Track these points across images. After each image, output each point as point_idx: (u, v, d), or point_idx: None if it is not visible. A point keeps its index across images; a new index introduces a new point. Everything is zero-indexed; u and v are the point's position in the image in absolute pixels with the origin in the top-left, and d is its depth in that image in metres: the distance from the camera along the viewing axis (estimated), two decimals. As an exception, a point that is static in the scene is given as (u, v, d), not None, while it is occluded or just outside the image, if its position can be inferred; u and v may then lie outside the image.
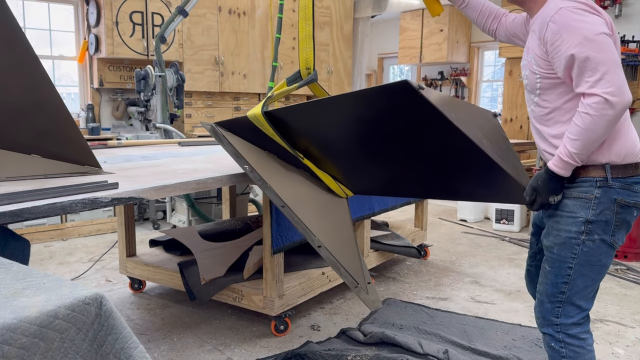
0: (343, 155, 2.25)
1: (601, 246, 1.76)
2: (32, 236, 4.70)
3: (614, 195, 1.73)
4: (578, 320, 1.81)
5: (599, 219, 1.74)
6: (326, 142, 2.21)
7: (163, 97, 4.84)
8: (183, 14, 4.47)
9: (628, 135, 1.76)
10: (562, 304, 1.81)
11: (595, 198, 1.73)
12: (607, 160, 1.73)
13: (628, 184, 1.74)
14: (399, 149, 2.05)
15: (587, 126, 1.63)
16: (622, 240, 1.81)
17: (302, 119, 2.16)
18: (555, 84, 1.75)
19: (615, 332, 3.01)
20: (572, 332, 1.81)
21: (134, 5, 5.93)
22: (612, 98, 1.59)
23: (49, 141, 2.15)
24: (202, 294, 2.97)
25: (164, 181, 2.05)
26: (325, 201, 2.36)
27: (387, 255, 3.81)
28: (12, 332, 0.93)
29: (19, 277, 1.12)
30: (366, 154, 2.18)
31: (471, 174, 1.94)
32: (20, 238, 2.26)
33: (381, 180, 2.33)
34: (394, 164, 2.17)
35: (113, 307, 1.08)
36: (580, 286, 1.79)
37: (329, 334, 2.93)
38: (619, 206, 1.74)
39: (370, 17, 8.31)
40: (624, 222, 1.77)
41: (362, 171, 2.30)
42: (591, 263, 1.77)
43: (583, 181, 1.75)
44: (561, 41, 1.65)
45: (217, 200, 4.79)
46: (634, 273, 4.05)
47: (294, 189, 2.27)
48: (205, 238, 3.42)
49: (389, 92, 1.79)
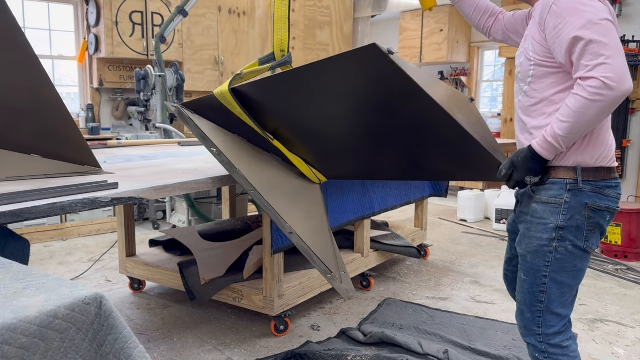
0: (314, 136, 2.17)
1: (574, 252, 1.72)
2: (32, 236, 4.70)
3: (585, 200, 1.69)
4: (560, 329, 1.77)
5: (570, 225, 1.69)
6: (296, 121, 2.13)
7: (163, 97, 4.84)
8: (183, 13, 4.47)
9: (605, 138, 1.71)
10: (542, 313, 1.77)
11: (565, 203, 1.69)
12: (578, 162, 1.68)
13: (599, 188, 1.69)
14: (371, 125, 1.98)
15: (578, 109, 1.55)
16: (597, 245, 1.76)
17: (270, 95, 2.08)
18: (548, 73, 1.70)
19: (615, 332, 3.01)
20: (555, 342, 1.77)
21: (134, 5, 5.93)
22: (611, 83, 1.50)
23: (49, 141, 2.15)
24: (202, 294, 2.97)
25: (163, 181, 2.05)
26: (297, 187, 2.29)
27: (387, 255, 3.81)
28: (12, 332, 0.92)
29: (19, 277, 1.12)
30: (336, 133, 2.10)
31: (445, 149, 1.86)
32: (20, 238, 2.26)
33: (354, 162, 2.25)
34: (366, 144, 2.08)
35: (113, 307, 1.08)
36: (557, 294, 1.75)
37: (329, 334, 2.93)
38: (591, 210, 1.69)
39: (370, 17, 8.31)
40: (597, 227, 1.72)
41: (334, 153, 2.22)
42: (566, 270, 1.73)
43: (553, 183, 1.71)
44: (564, 24, 1.58)
45: (217, 200, 4.79)
46: (634, 273, 4.05)
47: (264, 174, 2.20)
48: (205, 238, 3.42)
49: (357, 56, 1.72)
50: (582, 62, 1.56)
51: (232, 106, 2.10)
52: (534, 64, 1.73)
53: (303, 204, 2.27)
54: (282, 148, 2.24)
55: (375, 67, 1.70)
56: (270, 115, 2.14)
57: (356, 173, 2.34)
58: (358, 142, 2.11)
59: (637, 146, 4.73)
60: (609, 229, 4.44)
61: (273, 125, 2.18)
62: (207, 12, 6.48)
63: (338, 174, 2.37)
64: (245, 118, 2.13)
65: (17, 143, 2.14)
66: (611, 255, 4.43)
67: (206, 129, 2.19)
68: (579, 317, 3.21)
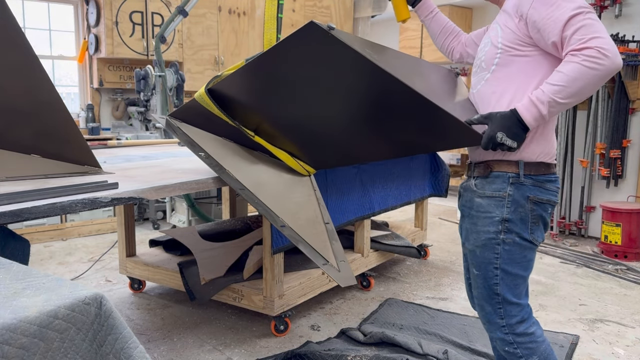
0: (291, 126, 2.16)
1: (522, 243, 1.76)
2: (32, 236, 4.70)
3: (527, 193, 1.73)
4: (522, 317, 1.80)
5: (514, 217, 1.74)
6: (272, 113, 2.13)
7: (163, 97, 4.84)
8: (183, 13, 4.47)
9: (549, 136, 1.76)
10: (501, 304, 1.80)
11: (509, 196, 1.73)
12: (522, 157, 1.73)
13: (540, 182, 1.74)
14: (338, 107, 1.96)
15: (573, 74, 1.53)
16: (542, 237, 1.80)
17: (241, 90, 2.08)
18: (514, 62, 1.71)
19: (615, 332, 3.01)
20: (520, 330, 1.80)
21: (134, 5, 5.93)
22: (607, 53, 1.51)
23: (49, 141, 2.15)
24: (202, 294, 2.97)
25: (164, 181, 2.05)
26: (287, 181, 2.30)
27: (387, 255, 3.81)
28: (12, 332, 0.92)
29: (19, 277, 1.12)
30: (310, 120, 2.09)
31: (414, 120, 1.81)
32: (20, 238, 2.26)
33: (334, 149, 2.23)
34: (339, 127, 2.07)
35: (113, 307, 1.08)
36: (511, 284, 1.78)
37: (329, 334, 2.93)
38: (533, 203, 1.74)
39: (370, 17, 8.30)
40: (540, 219, 1.77)
41: (314, 142, 2.21)
42: (516, 260, 1.77)
43: (496, 177, 1.75)
44: (557, 6, 1.59)
45: (217, 200, 4.79)
46: (634, 273, 4.05)
47: (253, 172, 2.22)
48: (205, 238, 3.42)
49: (300, 38, 1.72)
50: (575, 36, 1.56)
51: (210, 107, 2.11)
52: (501, 51, 1.74)
53: (294, 197, 2.27)
54: (264, 143, 2.24)
55: (320, 46, 1.69)
56: (249, 111, 2.14)
57: (340, 160, 2.32)
58: (331, 127, 2.09)
59: (637, 146, 4.73)
60: (609, 229, 4.44)
61: (254, 121, 2.18)
62: (207, 12, 6.48)
63: (324, 163, 2.37)
64: (222, 115, 2.13)
65: (17, 143, 2.14)
66: (611, 255, 4.43)
67: (193, 134, 2.21)
68: (579, 317, 3.21)
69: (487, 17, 8.41)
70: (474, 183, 1.82)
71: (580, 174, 4.99)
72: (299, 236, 2.09)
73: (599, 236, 4.71)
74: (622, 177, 4.82)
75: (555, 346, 2.78)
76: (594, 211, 4.97)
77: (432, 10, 2.19)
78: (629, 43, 4.67)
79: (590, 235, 5.03)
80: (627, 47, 4.64)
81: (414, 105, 1.71)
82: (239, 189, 2.11)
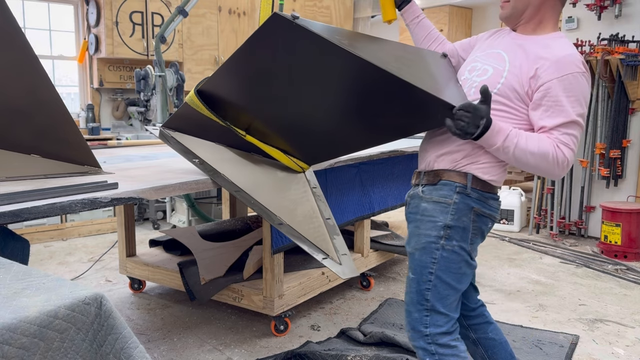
0: (278, 123, 2.16)
1: (460, 253, 1.75)
2: (32, 236, 4.70)
3: (472, 204, 1.74)
4: (448, 329, 1.77)
5: (457, 225, 1.73)
6: (259, 111, 2.12)
7: (163, 97, 4.84)
8: (183, 14, 4.47)
9: (504, 169, 1.78)
10: (429, 312, 1.77)
11: (454, 203, 1.74)
12: (472, 172, 1.74)
13: (484, 197, 1.76)
14: (316, 99, 1.95)
15: (541, 154, 1.63)
16: (476, 252, 1.81)
17: (227, 89, 2.08)
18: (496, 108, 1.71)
19: (615, 332, 3.01)
20: (443, 342, 1.76)
21: (134, 5, 5.93)
22: (567, 168, 1.67)
23: (48, 141, 2.15)
24: (202, 294, 2.97)
25: (163, 181, 2.05)
26: (281, 179, 2.30)
27: (387, 255, 3.81)
28: (12, 332, 0.93)
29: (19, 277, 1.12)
30: (294, 115, 2.08)
31: (391, 102, 1.79)
32: (20, 238, 2.26)
33: (321, 142, 2.21)
34: (321, 119, 2.05)
35: (113, 307, 1.08)
36: (443, 293, 1.76)
37: (329, 334, 2.93)
38: (476, 214, 1.75)
39: (370, 17, 8.30)
40: (479, 231, 1.78)
41: (302, 137, 2.21)
42: (451, 270, 1.75)
43: (444, 184, 1.76)
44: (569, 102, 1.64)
45: (217, 200, 4.80)
46: (634, 273, 4.05)
47: (248, 173, 2.23)
48: (205, 238, 3.42)
49: (268, 31, 1.71)
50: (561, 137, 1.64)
51: (200, 108, 2.11)
52: (497, 91, 1.73)
53: (289, 195, 2.27)
54: (256, 142, 2.23)
55: (288, 36, 1.68)
56: (238, 110, 2.14)
57: (331, 152, 2.30)
58: (315, 118, 2.07)
59: (637, 146, 4.73)
60: (609, 229, 4.44)
61: (245, 120, 2.18)
62: (207, 12, 6.48)
63: (315, 158, 2.35)
64: (214, 117, 2.13)
65: (17, 143, 2.14)
66: (611, 255, 4.43)
67: (187, 142, 2.23)
68: (579, 317, 3.21)
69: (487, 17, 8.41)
70: (422, 190, 1.82)
71: (580, 174, 4.99)
72: (297, 232, 2.08)
73: (599, 236, 4.71)
74: (622, 177, 4.82)
75: (555, 346, 2.78)
76: (594, 211, 4.97)
77: (418, 15, 2.18)
78: (629, 43, 4.67)
79: (590, 235, 5.03)
80: (627, 47, 4.64)
81: (390, 86, 1.68)
82: (235, 191, 2.11)
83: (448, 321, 1.77)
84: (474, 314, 2.04)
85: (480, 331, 2.03)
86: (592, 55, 4.65)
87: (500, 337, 2.05)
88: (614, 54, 4.56)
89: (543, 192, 5.18)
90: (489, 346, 2.02)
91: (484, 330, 2.02)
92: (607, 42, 4.72)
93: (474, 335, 2.04)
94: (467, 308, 2.03)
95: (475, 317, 2.03)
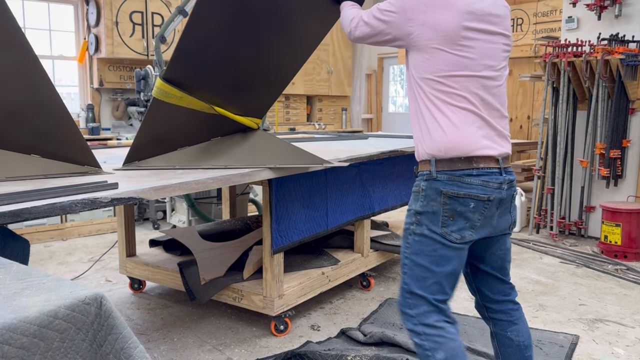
0: (230, 88, 2.47)
1: (431, 235, 1.79)
2: (32, 236, 4.70)
3: (440, 187, 1.78)
4: (429, 309, 1.80)
5: (426, 210, 1.80)
6: (214, 82, 2.39)
7: (163, 97, 4.83)
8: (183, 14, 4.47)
9: (448, 131, 1.79)
10: (409, 295, 1.83)
11: (422, 190, 1.82)
12: (431, 154, 1.81)
13: (457, 176, 1.77)
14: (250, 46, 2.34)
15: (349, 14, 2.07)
16: (461, 233, 1.79)
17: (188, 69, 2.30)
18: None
19: (615, 332, 3.01)
20: (428, 322, 1.80)
21: (134, 5, 5.93)
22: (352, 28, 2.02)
23: (49, 141, 2.15)
24: (202, 294, 2.97)
25: (163, 181, 2.05)
26: (250, 139, 2.63)
27: (387, 255, 3.81)
28: (12, 332, 0.93)
29: (19, 277, 1.12)
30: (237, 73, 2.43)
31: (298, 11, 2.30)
32: (20, 238, 2.27)
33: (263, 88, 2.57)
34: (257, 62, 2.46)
35: (113, 307, 1.08)
36: (419, 276, 1.81)
37: (329, 334, 2.93)
38: (447, 197, 1.78)
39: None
40: (456, 213, 1.78)
41: (249, 94, 2.55)
42: (425, 253, 1.80)
43: (418, 175, 1.88)
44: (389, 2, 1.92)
45: (217, 200, 4.79)
46: (634, 273, 4.05)
47: (221, 152, 2.54)
48: (205, 238, 3.42)
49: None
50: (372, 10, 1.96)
51: (170, 95, 2.30)
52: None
53: (264, 146, 2.60)
54: (223, 111, 2.48)
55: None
56: (197, 89, 2.37)
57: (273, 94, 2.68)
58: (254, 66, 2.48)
59: (637, 146, 4.73)
60: (609, 229, 4.44)
61: (206, 97, 2.43)
62: (207, 12, 6.48)
63: (263, 108, 2.69)
64: (188, 99, 2.35)
65: (17, 143, 2.14)
66: (611, 255, 4.43)
67: (157, 162, 2.45)
68: (579, 317, 3.21)
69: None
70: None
71: (580, 174, 4.99)
72: (290, 166, 2.46)
73: (599, 236, 4.71)
74: (622, 177, 4.82)
75: (555, 346, 2.78)
76: (594, 211, 4.97)
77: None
78: (629, 43, 4.67)
79: (590, 235, 5.03)
80: (627, 47, 4.64)
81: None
82: (223, 167, 2.41)
83: (426, 303, 1.81)
84: (497, 307, 2.00)
85: (499, 327, 2.01)
86: (592, 55, 4.65)
87: (520, 339, 1.99)
88: (614, 54, 4.56)
89: (543, 192, 5.18)
90: (503, 344, 2.00)
91: (502, 327, 2.00)
92: (607, 42, 4.72)
93: (492, 327, 2.03)
94: (488, 299, 2.00)
95: (498, 312, 2.00)
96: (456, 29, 1.75)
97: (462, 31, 1.75)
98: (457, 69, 1.77)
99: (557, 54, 4.88)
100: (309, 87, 7.93)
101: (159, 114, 2.37)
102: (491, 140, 1.82)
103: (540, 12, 7.03)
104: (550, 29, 6.88)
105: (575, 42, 4.85)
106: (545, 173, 5.17)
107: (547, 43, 5.02)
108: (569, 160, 4.99)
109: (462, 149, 1.78)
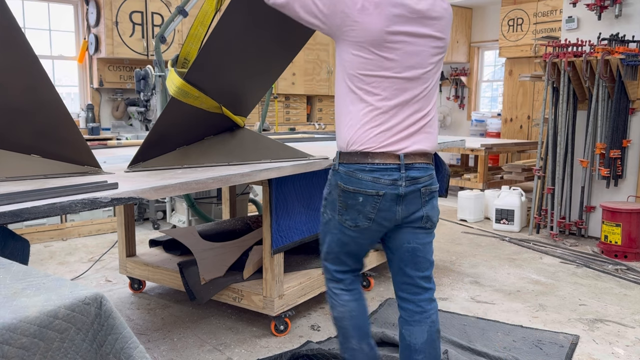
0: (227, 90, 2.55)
1: (332, 220, 1.99)
2: (32, 236, 4.70)
3: (337, 180, 1.92)
4: (332, 277, 2.07)
5: (328, 198, 1.99)
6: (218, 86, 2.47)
7: (163, 97, 4.83)
8: (183, 14, 4.47)
9: (353, 126, 1.87)
10: (323, 263, 2.11)
11: (328, 180, 1.99)
12: (339, 147, 1.94)
13: (351, 170, 1.88)
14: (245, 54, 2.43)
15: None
16: (356, 222, 1.91)
17: (207, 73, 2.40)
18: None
19: (615, 332, 3.01)
20: (330, 286, 2.09)
21: (134, 5, 5.93)
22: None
23: (49, 141, 2.15)
24: (202, 294, 2.97)
25: (163, 181, 2.05)
26: (241, 137, 2.74)
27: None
28: (12, 332, 0.92)
29: (19, 277, 1.12)
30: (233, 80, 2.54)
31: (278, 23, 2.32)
32: (20, 238, 2.26)
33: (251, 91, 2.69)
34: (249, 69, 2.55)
35: (113, 307, 1.08)
36: (326, 249, 2.06)
37: (329, 334, 2.93)
38: (341, 190, 1.91)
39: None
40: (348, 205, 1.91)
41: (240, 95, 2.66)
42: (330, 232, 2.01)
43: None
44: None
45: (217, 200, 4.79)
46: (634, 273, 4.05)
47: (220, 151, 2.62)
48: (205, 238, 3.42)
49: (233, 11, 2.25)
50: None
51: (189, 95, 2.38)
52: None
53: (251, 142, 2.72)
54: (228, 113, 2.59)
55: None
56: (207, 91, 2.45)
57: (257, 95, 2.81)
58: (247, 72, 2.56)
59: (637, 146, 4.73)
60: (609, 229, 4.44)
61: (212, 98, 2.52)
62: (207, 12, 6.47)
63: (248, 107, 2.82)
64: (203, 98, 2.41)
65: (17, 143, 2.14)
66: (611, 255, 4.43)
67: (162, 162, 2.47)
68: (579, 317, 3.21)
69: (487, 17, 8.41)
70: None
71: (580, 174, 4.99)
72: (284, 158, 2.62)
73: (599, 236, 4.71)
74: (622, 177, 4.82)
75: (555, 346, 2.78)
76: (594, 211, 4.97)
77: None
78: (629, 43, 4.67)
79: (590, 235, 5.03)
80: (627, 47, 4.64)
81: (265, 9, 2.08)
82: (227, 164, 2.52)
83: (330, 273, 2.08)
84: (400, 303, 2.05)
85: (400, 319, 2.06)
86: (592, 55, 4.65)
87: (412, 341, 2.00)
88: (614, 53, 4.56)
89: (543, 192, 5.18)
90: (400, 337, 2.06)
91: (401, 321, 2.05)
92: (607, 42, 4.72)
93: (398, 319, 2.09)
94: (397, 289, 2.06)
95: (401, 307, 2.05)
96: (380, 33, 1.78)
97: (386, 36, 1.78)
98: (377, 69, 1.82)
99: (557, 54, 4.88)
100: (309, 87, 7.93)
101: (172, 115, 2.42)
102: (397, 137, 1.86)
103: (540, 12, 7.04)
104: (550, 29, 6.89)
105: (575, 42, 4.85)
106: (546, 173, 5.17)
107: (547, 43, 5.02)
108: (569, 160, 4.99)
109: (361, 144, 1.86)
